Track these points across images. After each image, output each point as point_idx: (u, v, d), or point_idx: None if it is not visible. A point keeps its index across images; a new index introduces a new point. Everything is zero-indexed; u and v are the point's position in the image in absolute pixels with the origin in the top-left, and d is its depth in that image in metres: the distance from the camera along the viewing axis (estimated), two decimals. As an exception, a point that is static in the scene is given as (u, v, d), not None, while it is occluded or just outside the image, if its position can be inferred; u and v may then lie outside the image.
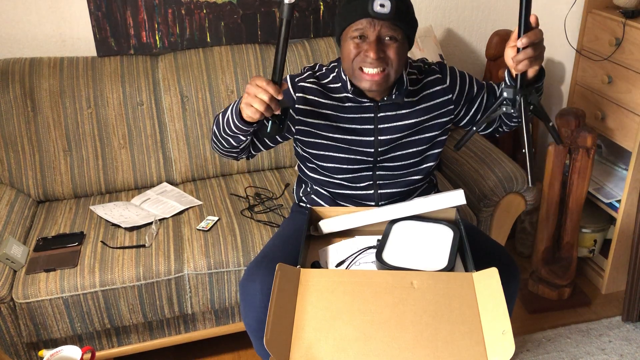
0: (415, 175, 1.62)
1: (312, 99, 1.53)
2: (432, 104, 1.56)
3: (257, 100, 1.28)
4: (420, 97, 1.55)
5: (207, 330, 1.97)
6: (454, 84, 1.58)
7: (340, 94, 1.54)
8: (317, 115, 1.54)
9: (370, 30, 1.39)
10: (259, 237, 1.88)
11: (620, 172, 2.35)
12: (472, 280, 1.23)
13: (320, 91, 1.54)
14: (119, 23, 2.17)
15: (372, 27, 1.39)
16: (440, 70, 1.59)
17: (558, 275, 2.26)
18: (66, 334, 1.80)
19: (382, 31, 1.39)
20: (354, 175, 1.59)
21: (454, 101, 1.58)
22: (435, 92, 1.56)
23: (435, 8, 2.58)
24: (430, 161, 1.62)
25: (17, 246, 1.80)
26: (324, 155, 1.57)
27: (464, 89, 1.59)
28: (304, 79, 1.55)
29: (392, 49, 1.41)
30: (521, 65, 1.26)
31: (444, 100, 1.57)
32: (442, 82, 1.57)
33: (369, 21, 1.38)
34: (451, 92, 1.57)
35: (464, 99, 1.59)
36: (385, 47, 1.40)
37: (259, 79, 1.28)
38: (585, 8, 2.19)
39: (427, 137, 1.58)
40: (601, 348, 2.08)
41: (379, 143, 1.55)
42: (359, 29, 1.40)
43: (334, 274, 1.27)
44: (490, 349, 1.10)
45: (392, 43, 1.41)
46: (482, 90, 1.61)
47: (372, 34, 1.39)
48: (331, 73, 1.56)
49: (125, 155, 2.15)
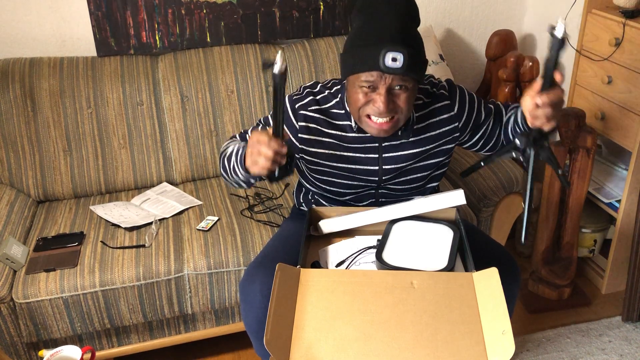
0: (418, 195, 1.60)
1: (315, 128, 1.48)
2: (439, 133, 1.51)
3: (263, 157, 1.24)
4: (426, 124, 1.50)
5: (207, 330, 1.97)
6: (462, 111, 1.51)
7: (343, 122, 1.48)
8: (320, 145, 1.49)
9: (380, 83, 1.31)
10: (259, 237, 1.88)
11: (620, 172, 2.35)
12: (472, 280, 1.23)
13: (323, 120, 1.48)
14: (119, 23, 2.17)
15: (383, 81, 1.31)
16: (450, 94, 1.51)
17: (558, 275, 2.26)
18: (66, 334, 1.80)
19: (392, 83, 1.32)
20: (357, 195, 1.58)
21: (460, 129, 1.53)
22: (443, 120, 1.50)
23: (435, 8, 2.58)
24: (434, 182, 1.61)
25: (17, 246, 1.80)
26: (327, 180, 1.55)
27: (472, 116, 1.53)
28: (305, 105, 1.48)
29: (402, 98, 1.34)
30: (538, 122, 1.23)
31: (451, 128, 1.52)
32: (450, 110, 1.50)
33: (379, 74, 1.30)
34: (458, 120, 1.51)
35: (470, 126, 1.54)
36: (395, 97, 1.34)
37: (261, 135, 1.23)
38: (585, 8, 2.19)
39: (432, 163, 1.55)
40: (601, 348, 2.08)
41: (382, 172, 1.52)
42: (368, 81, 1.32)
43: (334, 274, 1.27)
44: (490, 349, 1.10)
45: (403, 92, 1.34)
46: (490, 117, 1.55)
47: (383, 86, 1.31)
48: (334, 98, 1.49)
49: (125, 155, 2.15)
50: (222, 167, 1.49)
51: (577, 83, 2.32)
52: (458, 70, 2.73)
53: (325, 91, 1.50)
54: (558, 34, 1.12)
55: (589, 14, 2.19)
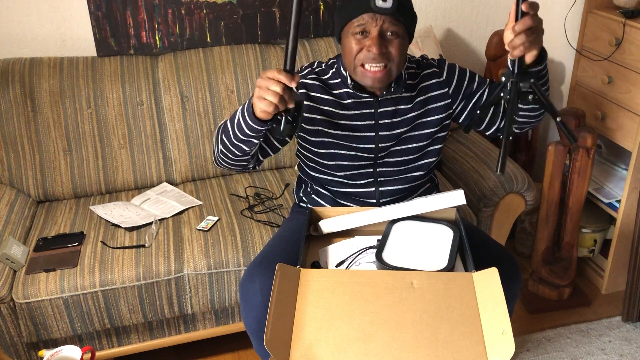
0: (416, 171, 1.62)
1: (314, 95, 1.53)
2: (427, 97, 1.56)
3: (270, 92, 1.23)
4: (417, 90, 1.56)
5: (207, 330, 1.97)
6: (450, 77, 1.58)
7: (340, 90, 1.54)
8: (319, 112, 1.54)
9: (372, 26, 1.39)
10: (259, 237, 1.88)
11: (620, 172, 2.35)
12: (472, 280, 1.23)
13: (321, 87, 1.54)
14: (119, 23, 2.17)
15: (374, 22, 1.38)
16: (438, 64, 1.59)
17: (558, 275, 2.26)
18: (66, 334, 1.80)
19: (384, 26, 1.39)
20: (355, 173, 1.59)
21: (450, 95, 1.58)
22: (431, 85, 1.57)
23: (435, 8, 2.58)
24: (430, 157, 1.62)
25: (17, 246, 1.80)
26: (325, 153, 1.57)
27: (462, 83, 1.58)
28: (304, 75, 1.55)
29: (394, 45, 1.41)
30: (517, 51, 1.22)
31: (440, 93, 1.57)
32: (438, 76, 1.57)
33: (370, 16, 1.38)
34: (447, 85, 1.57)
35: (461, 94, 1.59)
36: (387, 43, 1.40)
37: (270, 71, 1.24)
38: (585, 8, 2.19)
39: (426, 133, 1.58)
40: (601, 348, 2.08)
41: (379, 139, 1.55)
42: (360, 25, 1.39)
43: (334, 274, 1.27)
44: (490, 349, 1.10)
45: (394, 39, 1.41)
46: (483, 86, 1.59)
47: (374, 29, 1.39)
48: (330, 69, 1.56)
49: (125, 155, 2.15)
50: (223, 132, 1.46)
51: (577, 83, 2.32)
52: (458, 70, 2.73)
53: (322, 65, 1.58)
54: None
55: (589, 14, 2.19)
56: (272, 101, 1.24)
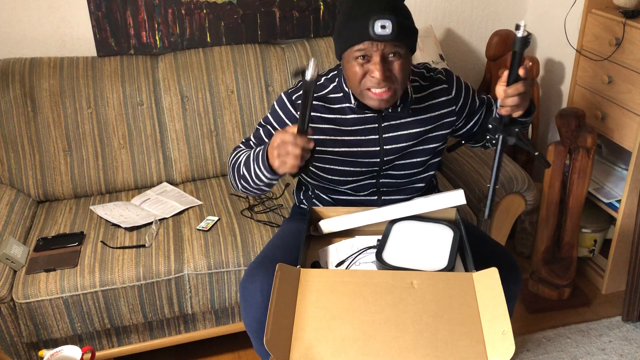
0: (418, 183, 1.62)
1: (314, 115, 1.50)
2: (437, 114, 1.54)
3: (291, 157, 1.26)
4: (425, 106, 1.53)
5: (207, 330, 1.97)
6: (458, 95, 1.56)
7: (342, 105, 1.51)
8: (320, 132, 1.51)
9: (373, 50, 1.35)
10: (259, 237, 1.88)
11: (620, 172, 2.35)
12: (472, 280, 1.23)
13: (321, 105, 1.50)
14: (119, 23, 2.17)
15: (375, 47, 1.34)
16: (447, 79, 1.56)
17: (558, 275, 2.26)
18: (66, 334, 1.80)
19: (385, 50, 1.35)
20: (358, 184, 1.58)
21: (456, 113, 1.57)
22: (441, 103, 1.54)
23: (435, 8, 2.58)
24: (432, 170, 1.62)
25: (17, 246, 1.80)
26: (328, 168, 1.55)
27: (467, 101, 1.58)
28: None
29: (396, 66, 1.37)
30: (504, 110, 1.31)
31: (448, 111, 1.55)
32: (447, 93, 1.55)
33: (371, 43, 1.34)
34: (455, 103, 1.56)
35: (466, 112, 1.59)
36: (390, 66, 1.37)
37: (285, 135, 1.25)
38: (585, 8, 2.19)
39: (430, 147, 1.56)
40: (601, 348, 2.08)
41: (384, 153, 1.53)
42: (361, 50, 1.35)
43: (334, 274, 1.27)
44: (490, 349, 1.10)
45: (397, 60, 1.37)
46: (482, 106, 1.61)
47: (376, 54, 1.35)
48: (331, 83, 1.52)
49: (125, 155, 2.15)
50: (238, 176, 1.48)
51: (577, 83, 2.32)
52: (458, 70, 2.73)
53: (321, 79, 1.54)
54: (519, 34, 1.23)
55: (589, 14, 2.19)
56: (295, 164, 1.27)
